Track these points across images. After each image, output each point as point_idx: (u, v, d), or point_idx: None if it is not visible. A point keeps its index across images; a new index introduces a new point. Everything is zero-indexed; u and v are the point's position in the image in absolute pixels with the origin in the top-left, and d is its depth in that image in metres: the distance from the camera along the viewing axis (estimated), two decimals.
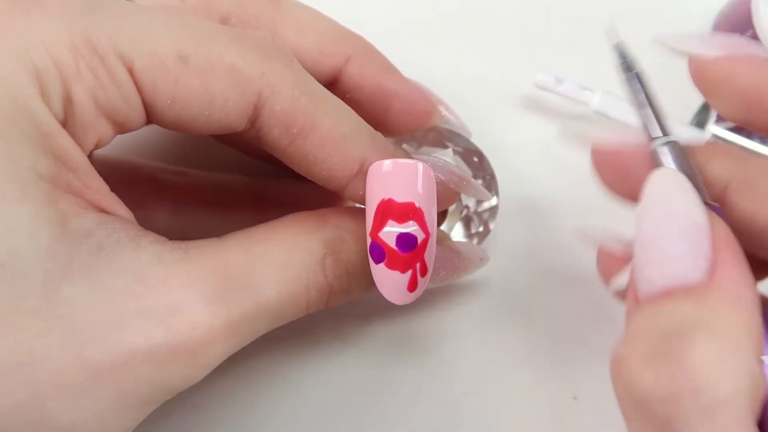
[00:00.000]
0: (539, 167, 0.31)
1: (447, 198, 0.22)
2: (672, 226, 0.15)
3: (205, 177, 0.26)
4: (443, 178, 0.21)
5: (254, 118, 0.18)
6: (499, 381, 0.27)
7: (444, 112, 0.25)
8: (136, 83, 0.17)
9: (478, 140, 0.28)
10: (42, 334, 0.15)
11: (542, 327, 0.27)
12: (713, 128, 0.28)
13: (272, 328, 0.20)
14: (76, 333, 0.16)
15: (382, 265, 0.19)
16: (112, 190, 0.18)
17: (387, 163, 0.19)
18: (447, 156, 0.24)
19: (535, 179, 0.30)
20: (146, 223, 0.22)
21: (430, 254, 0.20)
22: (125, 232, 0.17)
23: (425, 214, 0.19)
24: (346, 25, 0.32)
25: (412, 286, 0.20)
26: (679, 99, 0.32)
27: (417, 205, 0.19)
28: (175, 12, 0.20)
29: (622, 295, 0.17)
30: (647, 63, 0.32)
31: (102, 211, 0.17)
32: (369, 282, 0.21)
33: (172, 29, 0.17)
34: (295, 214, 0.20)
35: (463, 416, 0.26)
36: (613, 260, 0.21)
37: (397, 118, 0.24)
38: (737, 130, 0.28)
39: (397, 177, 0.19)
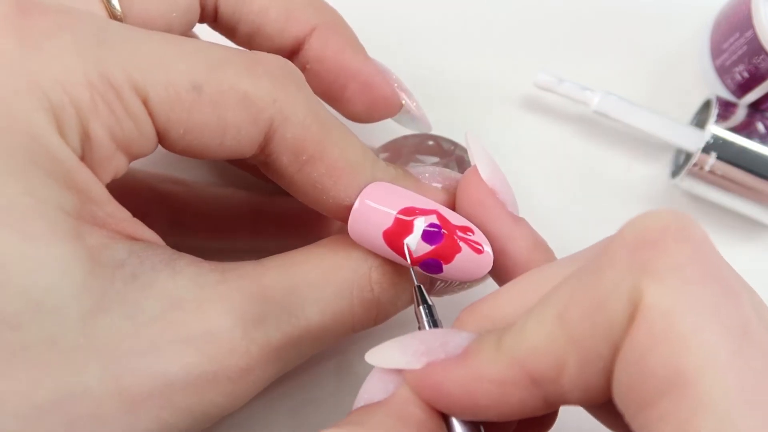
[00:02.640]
0: (539, 167, 0.31)
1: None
2: None
3: (205, 188, 0.26)
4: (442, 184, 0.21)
5: (264, 145, 0.18)
6: None
7: (405, 100, 0.24)
8: (150, 114, 0.17)
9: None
10: (80, 370, 0.15)
11: None
12: (713, 128, 0.28)
13: (317, 351, 0.19)
14: (113, 365, 0.15)
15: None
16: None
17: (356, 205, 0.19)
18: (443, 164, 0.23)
19: (535, 179, 0.30)
20: None
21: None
22: (159, 258, 0.17)
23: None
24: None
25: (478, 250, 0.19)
26: (679, 99, 0.32)
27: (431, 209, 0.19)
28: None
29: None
30: (648, 62, 0.33)
31: (131, 238, 0.17)
32: (411, 296, 0.20)
33: (184, 57, 0.17)
34: (331, 237, 0.20)
35: None
36: (475, 185, 0.20)
37: (354, 99, 0.23)
38: (738, 129, 0.28)
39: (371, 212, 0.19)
